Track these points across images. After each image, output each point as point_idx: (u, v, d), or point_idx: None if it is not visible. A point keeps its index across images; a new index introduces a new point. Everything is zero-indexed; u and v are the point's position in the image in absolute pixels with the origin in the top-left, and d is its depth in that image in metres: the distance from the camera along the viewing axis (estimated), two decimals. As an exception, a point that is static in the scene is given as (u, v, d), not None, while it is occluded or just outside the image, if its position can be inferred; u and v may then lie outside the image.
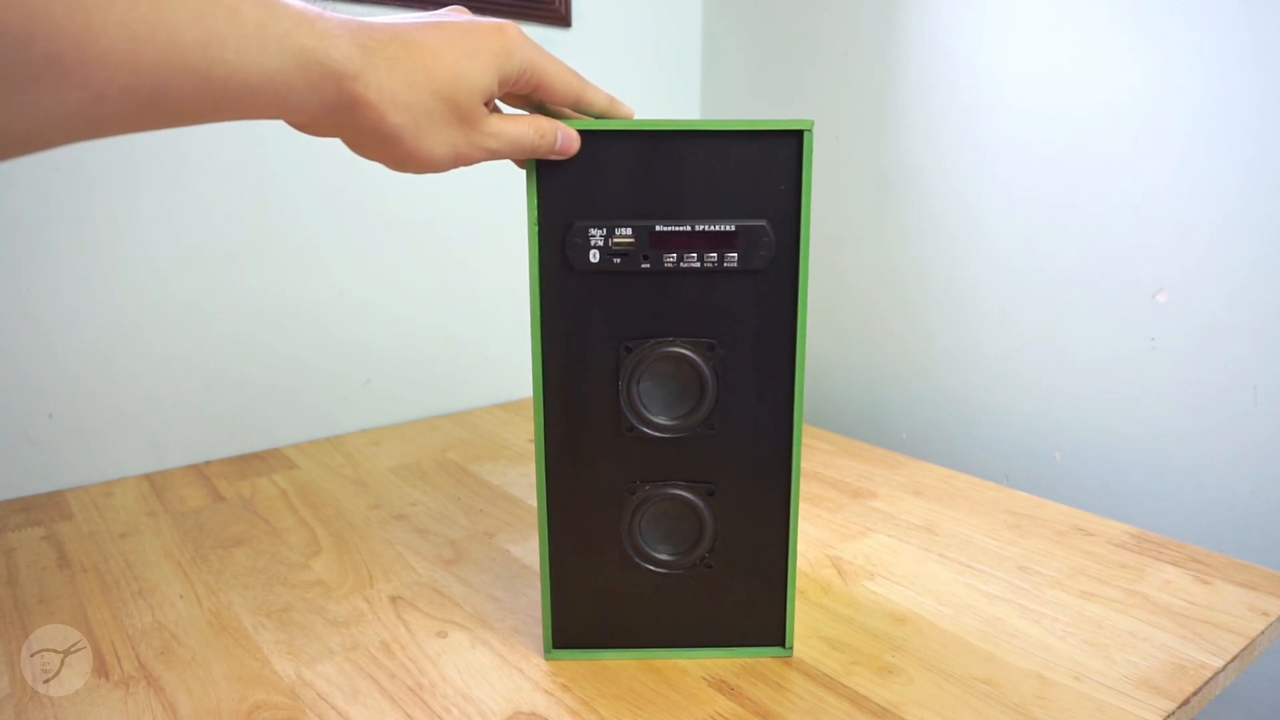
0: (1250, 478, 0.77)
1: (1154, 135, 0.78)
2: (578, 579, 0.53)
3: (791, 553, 0.53)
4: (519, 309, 1.09)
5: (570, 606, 0.54)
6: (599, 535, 0.53)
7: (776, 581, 0.53)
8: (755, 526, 0.52)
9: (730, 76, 1.18)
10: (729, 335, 0.50)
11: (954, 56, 0.92)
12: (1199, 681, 0.51)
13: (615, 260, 0.49)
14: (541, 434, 0.51)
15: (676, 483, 0.52)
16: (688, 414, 0.51)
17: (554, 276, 0.49)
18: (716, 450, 0.51)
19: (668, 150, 0.48)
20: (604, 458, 0.52)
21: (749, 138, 0.47)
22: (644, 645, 0.54)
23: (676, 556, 0.53)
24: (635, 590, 0.53)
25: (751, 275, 0.49)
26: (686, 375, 0.51)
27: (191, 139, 0.83)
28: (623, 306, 0.50)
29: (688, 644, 0.54)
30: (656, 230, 0.48)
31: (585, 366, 0.50)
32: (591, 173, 0.48)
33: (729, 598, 0.53)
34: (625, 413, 0.51)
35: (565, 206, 0.48)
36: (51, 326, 0.79)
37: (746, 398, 0.51)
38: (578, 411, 0.51)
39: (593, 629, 0.54)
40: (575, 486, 0.52)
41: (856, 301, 1.06)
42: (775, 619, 0.54)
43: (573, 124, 0.47)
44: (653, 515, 0.53)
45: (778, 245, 0.49)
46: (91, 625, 0.58)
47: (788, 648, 0.54)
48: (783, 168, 0.48)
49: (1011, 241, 0.90)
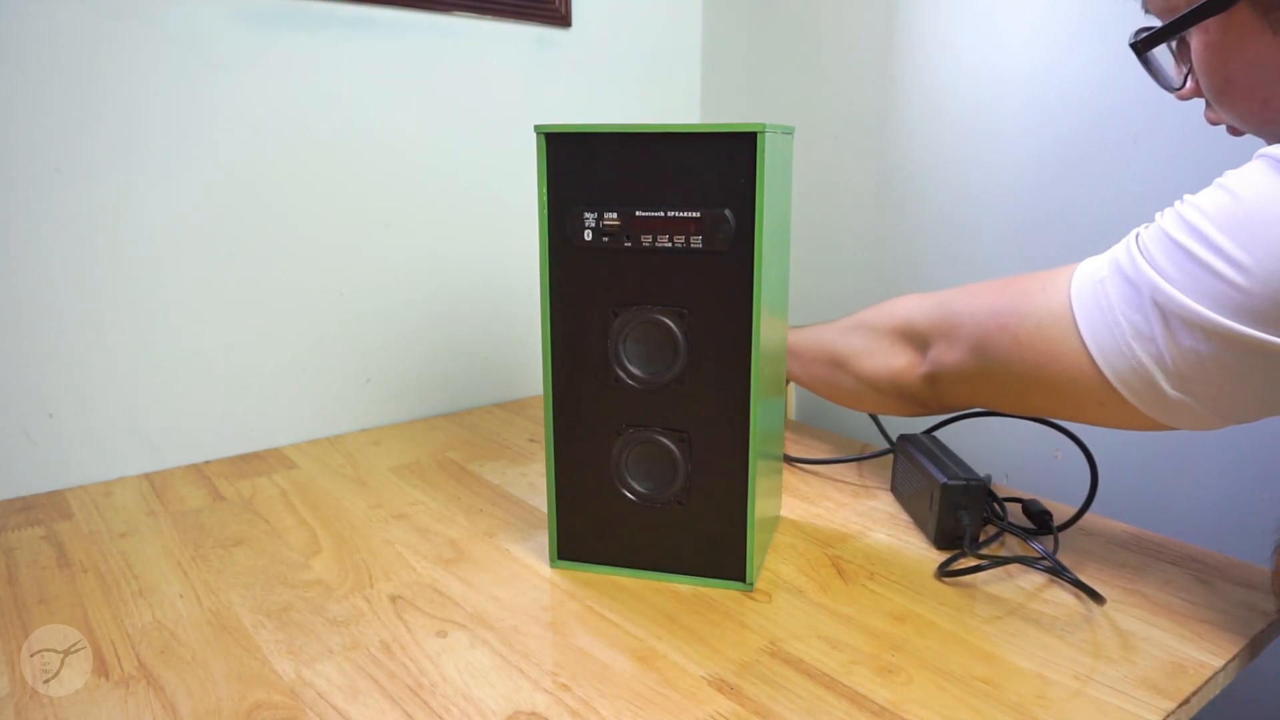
0: (1250, 478, 0.77)
1: (1154, 135, 0.78)
2: (577, 504, 0.64)
3: (750, 499, 0.60)
4: (519, 309, 1.09)
5: (571, 526, 0.64)
6: (594, 468, 0.63)
7: (738, 523, 0.61)
8: (720, 473, 0.60)
9: (730, 76, 1.18)
10: (698, 305, 0.58)
11: (954, 56, 0.92)
12: (1199, 681, 0.51)
13: (605, 239, 0.59)
14: (550, 381, 0.62)
15: (656, 429, 0.61)
16: (663, 370, 0.60)
17: (558, 252, 0.60)
18: (688, 402, 0.60)
19: (647, 149, 0.56)
20: (597, 403, 0.62)
21: (713, 139, 0.55)
22: (630, 565, 0.64)
23: (656, 492, 0.62)
24: (623, 517, 0.63)
25: (715, 255, 0.57)
26: (663, 337, 0.60)
27: (191, 139, 0.83)
28: (611, 278, 0.59)
29: (666, 569, 0.63)
30: (636, 215, 0.58)
31: (582, 326, 0.60)
32: (587, 167, 0.58)
33: (700, 533, 0.62)
34: (614, 366, 0.60)
35: (567, 194, 0.59)
36: (52, 326, 0.79)
37: (712, 359, 0.59)
38: (577, 363, 0.61)
39: (589, 547, 0.64)
40: (575, 425, 0.63)
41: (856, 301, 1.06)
42: (738, 556, 0.62)
43: (572, 124, 0.56)
44: (637, 455, 0.62)
45: (737, 231, 0.56)
46: (91, 625, 0.58)
47: (749, 583, 0.62)
48: (741, 165, 0.55)
49: (1011, 241, 0.90)
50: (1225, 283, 0.46)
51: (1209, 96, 0.56)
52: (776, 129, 0.57)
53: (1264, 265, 0.44)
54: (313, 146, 0.90)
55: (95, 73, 0.77)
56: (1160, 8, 0.55)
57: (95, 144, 0.78)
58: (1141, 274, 0.49)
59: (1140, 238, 0.51)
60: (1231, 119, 0.56)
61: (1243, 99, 0.53)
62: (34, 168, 0.76)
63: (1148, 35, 0.55)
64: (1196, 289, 0.47)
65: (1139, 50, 0.56)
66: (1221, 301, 0.46)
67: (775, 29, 1.11)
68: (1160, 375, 0.50)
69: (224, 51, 0.84)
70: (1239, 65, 0.52)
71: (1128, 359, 0.51)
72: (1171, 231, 0.49)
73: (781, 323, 0.67)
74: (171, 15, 0.80)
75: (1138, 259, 0.50)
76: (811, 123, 1.08)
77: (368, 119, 0.94)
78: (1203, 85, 0.55)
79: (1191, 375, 0.49)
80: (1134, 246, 0.51)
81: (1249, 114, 0.54)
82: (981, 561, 0.64)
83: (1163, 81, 0.59)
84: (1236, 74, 0.52)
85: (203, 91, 0.83)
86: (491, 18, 1.00)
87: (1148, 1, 0.56)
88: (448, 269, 1.03)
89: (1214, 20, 0.51)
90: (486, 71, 1.01)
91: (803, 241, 1.11)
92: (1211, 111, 0.57)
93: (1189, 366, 0.48)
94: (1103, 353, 0.52)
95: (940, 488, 0.66)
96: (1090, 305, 0.53)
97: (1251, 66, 0.51)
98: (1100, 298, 0.52)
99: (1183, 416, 0.51)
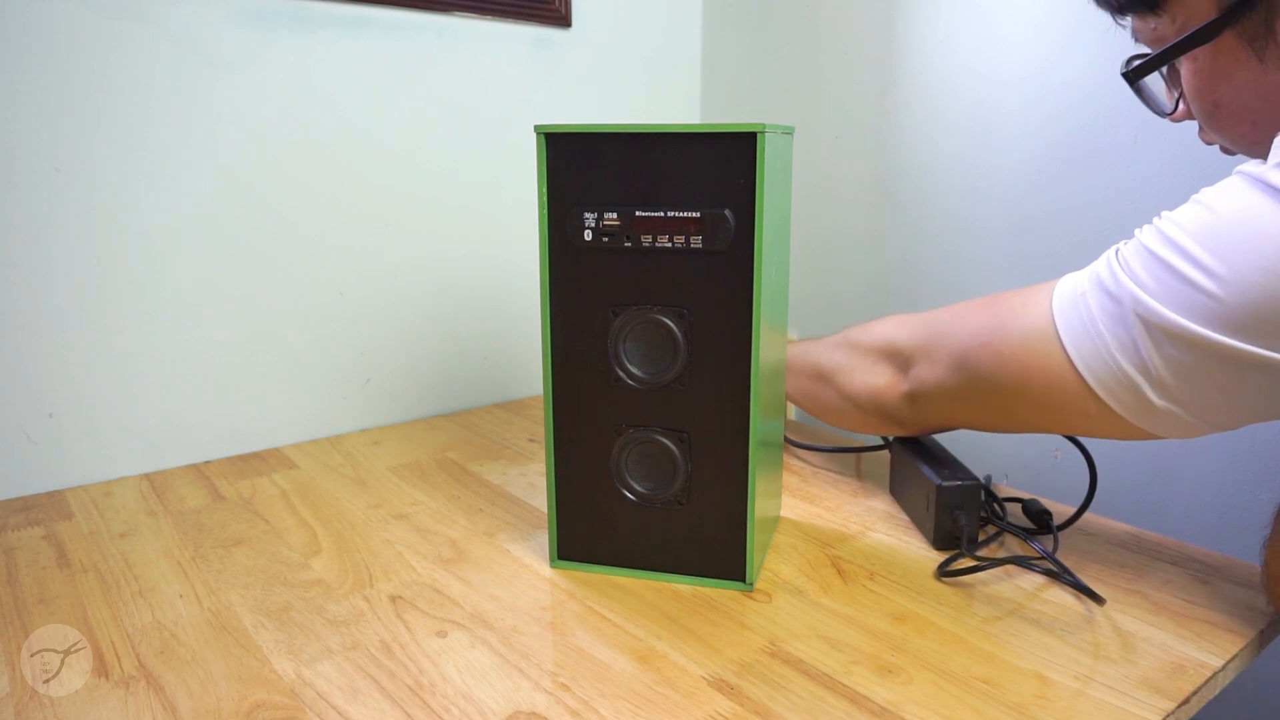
0: (1249, 478, 0.77)
1: (1154, 135, 0.78)
2: (577, 504, 0.63)
3: (750, 499, 0.60)
4: (519, 309, 1.09)
5: (571, 526, 0.64)
6: (594, 468, 0.62)
7: (739, 523, 0.61)
8: (720, 473, 0.60)
9: (730, 76, 1.18)
10: (697, 305, 0.58)
11: (954, 56, 0.92)
12: (1199, 681, 0.51)
13: (605, 239, 0.58)
14: (550, 381, 0.62)
15: (655, 429, 0.61)
16: (663, 370, 0.59)
17: (558, 252, 0.59)
18: (688, 403, 0.60)
19: (646, 149, 0.56)
20: (596, 403, 0.61)
21: (712, 139, 0.55)
22: (630, 565, 0.63)
23: (655, 492, 0.62)
24: (623, 517, 0.63)
25: (715, 255, 0.57)
26: (663, 337, 0.59)
27: (191, 139, 0.83)
28: (611, 278, 0.59)
29: (666, 569, 0.63)
30: (637, 215, 0.57)
31: (582, 326, 0.60)
32: (587, 167, 0.58)
33: (700, 533, 0.62)
34: (614, 365, 0.60)
35: (566, 194, 0.58)
36: (51, 326, 0.79)
37: (711, 359, 0.59)
38: (576, 363, 0.61)
39: (589, 547, 0.64)
40: (575, 425, 0.62)
41: (856, 302, 1.06)
42: (738, 556, 0.61)
43: (572, 125, 0.56)
44: (637, 455, 0.62)
45: (737, 231, 0.56)
46: (91, 625, 0.58)
47: (749, 583, 0.61)
48: (741, 165, 0.55)
49: (1011, 241, 0.90)
50: (1203, 293, 0.47)
51: (1200, 120, 0.57)
52: (776, 129, 0.57)
53: (1239, 276, 0.45)
54: (312, 146, 0.90)
55: (95, 73, 0.77)
56: (1150, 37, 0.57)
57: (95, 144, 0.78)
58: (1123, 287, 0.50)
59: (1120, 252, 0.52)
60: (1223, 140, 0.58)
61: (1233, 121, 0.55)
62: (34, 168, 0.76)
63: (1139, 64, 0.57)
64: (1175, 301, 0.48)
65: (1131, 79, 0.58)
66: (1200, 312, 0.47)
67: (775, 29, 1.11)
68: (1146, 385, 0.50)
69: (223, 51, 0.84)
70: (1227, 90, 0.54)
71: (1112, 370, 0.51)
72: (1151, 245, 0.50)
73: (781, 323, 0.67)
74: (171, 15, 0.80)
75: (1118, 272, 0.51)
76: (811, 123, 1.08)
77: (367, 119, 0.94)
78: (1194, 110, 0.57)
79: (1176, 385, 0.49)
80: (1114, 261, 0.52)
81: (1239, 136, 0.56)
82: (979, 563, 0.64)
83: (1155, 107, 0.61)
84: (1225, 99, 0.54)
85: (202, 91, 0.83)
86: (491, 18, 1.00)
87: (1138, 31, 0.58)
88: (448, 269, 1.03)
89: (1202, 49, 0.53)
90: (486, 72, 1.01)
91: (803, 242, 1.11)
92: (1204, 133, 0.59)
93: (1173, 376, 0.49)
94: (1087, 364, 0.52)
95: (935, 489, 0.66)
96: (1072, 318, 0.53)
97: (1239, 91, 0.53)
98: (1082, 311, 0.53)
99: (1171, 426, 0.52)
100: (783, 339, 0.69)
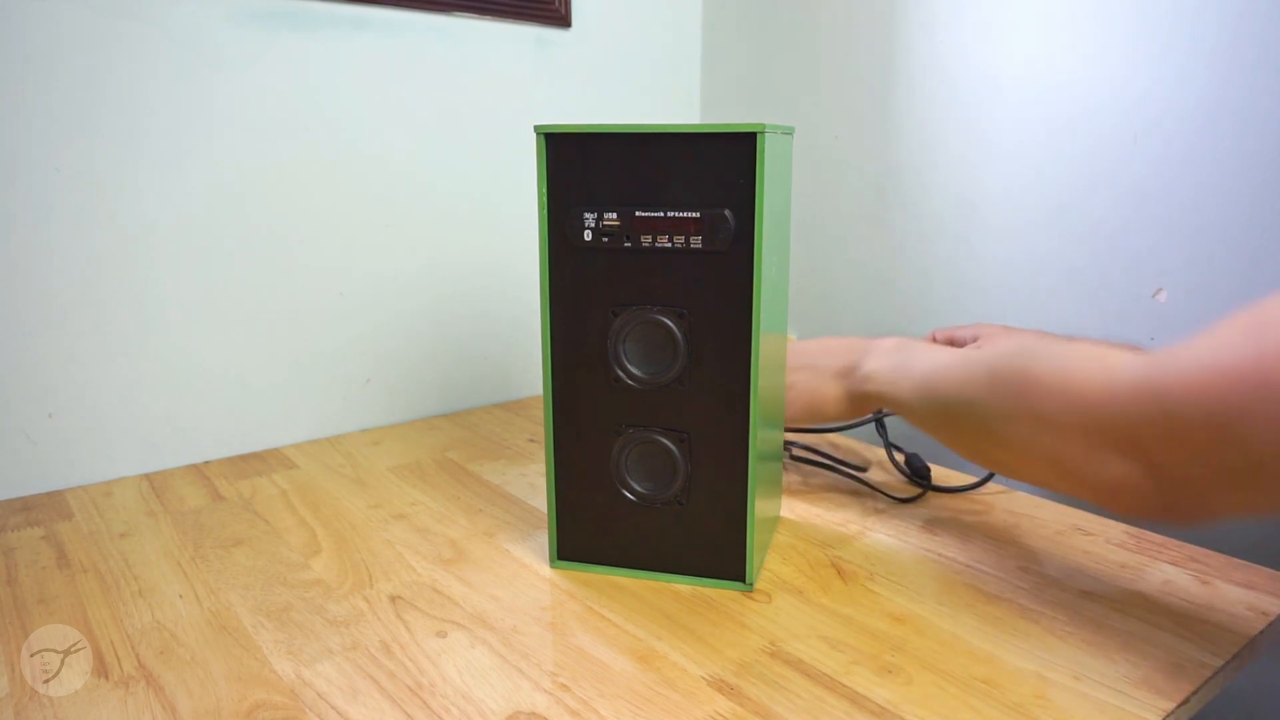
0: (1250, 478, 0.77)
1: (1154, 135, 0.78)
2: (577, 504, 0.64)
3: (750, 499, 0.60)
4: (519, 309, 1.09)
5: (571, 526, 0.64)
6: (594, 468, 0.63)
7: (738, 523, 0.61)
8: (720, 473, 0.60)
9: (730, 76, 1.18)
10: (697, 305, 0.58)
11: (954, 56, 0.92)
12: (1198, 681, 0.51)
13: (604, 239, 0.58)
14: (549, 381, 0.62)
15: (655, 429, 0.61)
16: (663, 370, 0.60)
17: (558, 252, 0.59)
18: (687, 403, 0.60)
19: (646, 149, 0.56)
20: (596, 403, 0.61)
21: (712, 139, 0.55)
22: (629, 565, 0.64)
23: (655, 492, 0.62)
24: (623, 518, 0.63)
25: (715, 255, 0.57)
26: (663, 337, 0.59)
27: (191, 138, 0.83)
28: (611, 278, 0.59)
29: (666, 569, 0.63)
30: (637, 215, 0.57)
31: (582, 326, 0.60)
32: (587, 167, 0.58)
33: (700, 533, 0.62)
34: (614, 366, 0.60)
35: (566, 194, 0.58)
36: (51, 326, 0.79)
37: (712, 359, 0.59)
38: (576, 363, 0.61)
39: (589, 547, 0.64)
40: (575, 425, 0.62)
41: (856, 301, 1.06)
42: (738, 557, 0.61)
43: (572, 125, 0.56)
44: (637, 455, 0.62)
45: (737, 231, 0.56)
46: (91, 625, 0.58)
47: (749, 583, 0.62)
48: (741, 164, 0.55)
49: (1011, 241, 0.90)
50: None
51: None
52: (776, 129, 0.57)
53: None
54: (312, 145, 0.90)
55: (95, 73, 0.77)
56: None
57: (95, 144, 0.78)
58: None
59: None
60: None
61: None
62: (34, 167, 0.76)
63: None
64: None
65: None
66: None
67: (775, 29, 1.11)
68: None
69: (223, 51, 0.84)
70: None
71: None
72: None
73: (781, 323, 0.67)
74: (171, 15, 0.80)
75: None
76: (811, 123, 1.08)
77: (367, 118, 0.94)
78: None
79: None
80: None
81: None
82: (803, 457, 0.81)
83: None
84: None
85: (202, 91, 0.83)
86: (490, 18, 1.00)
87: None
88: (447, 269, 1.03)
89: None
90: (486, 72, 1.01)
91: (803, 241, 1.11)
92: None
93: None
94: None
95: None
96: None
97: None
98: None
99: None
100: (783, 339, 0.69)
